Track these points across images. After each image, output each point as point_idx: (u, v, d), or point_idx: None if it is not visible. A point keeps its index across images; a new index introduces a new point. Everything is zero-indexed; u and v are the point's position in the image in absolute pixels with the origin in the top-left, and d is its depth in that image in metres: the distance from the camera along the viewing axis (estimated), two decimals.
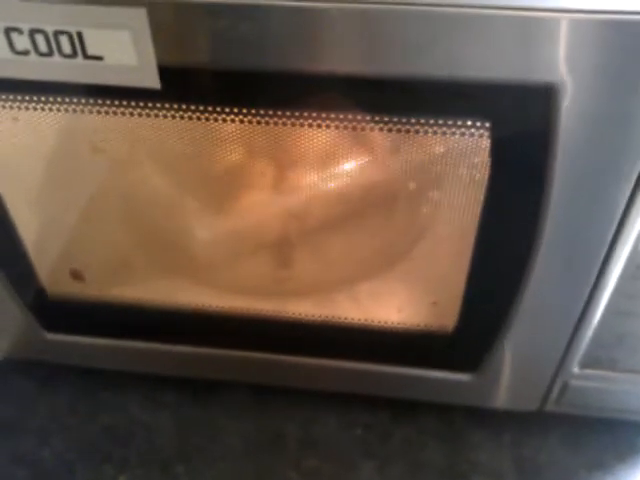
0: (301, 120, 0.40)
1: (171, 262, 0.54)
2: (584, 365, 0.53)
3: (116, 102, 0.41)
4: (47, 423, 0.64)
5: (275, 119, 0.40)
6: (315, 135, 0.41)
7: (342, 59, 0.37)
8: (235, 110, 0.40)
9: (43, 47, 0.38)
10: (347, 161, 0.43)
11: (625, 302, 0.48)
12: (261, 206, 0.47)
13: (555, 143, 0.39)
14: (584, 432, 0.62)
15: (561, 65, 0.35)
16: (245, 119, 0.41)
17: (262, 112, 0.40)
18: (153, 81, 0.38)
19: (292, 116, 0.40)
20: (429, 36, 0.35)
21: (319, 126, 0.40)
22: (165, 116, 0.41)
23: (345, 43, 0.36)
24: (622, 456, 0.61)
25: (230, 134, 0.42)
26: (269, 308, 0.54)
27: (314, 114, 0.40)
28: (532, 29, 0.35)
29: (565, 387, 0.55)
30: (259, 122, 0.41)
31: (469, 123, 0.39)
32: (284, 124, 0.41)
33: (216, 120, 0.41)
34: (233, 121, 0.41)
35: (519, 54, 0.36)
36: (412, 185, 0.44)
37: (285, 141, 0.42)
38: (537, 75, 0.36)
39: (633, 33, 0.34)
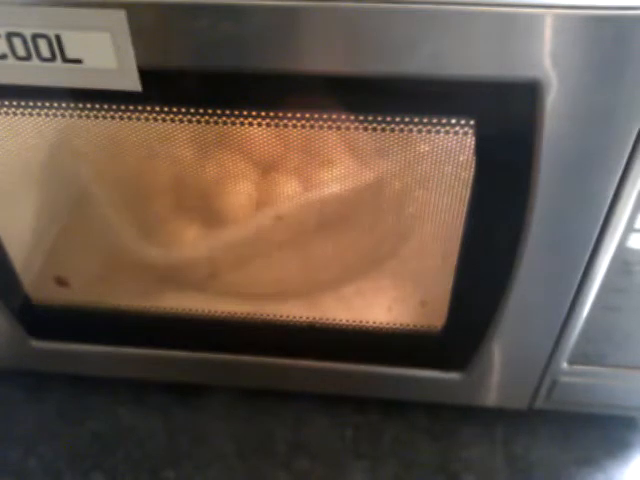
0: (284, 121, 0.40)
1: (157, 266, 0.53)
2: (573, 361, 0.53)
3: (97, 105, 0.41)
4: (34, 431, 0.63)
5: (258, 120, 0.40)
6: (298, 135, 0.41)
7: (324, 59, 0.37)
8: (218, 112, 0.40)
9: (21, 51, 0.37)
10: (331, 161, 0.43)
11: (613, 297, 0.48)
12: (246, 209, 0.47)
13: (540, 139, 0.39)
14: (574, 428, 0.62)
15: (545, 61, 0.35)
16: (228, 120, 0.40)
17: (245, 113, 0.40)
18: (134, 84, 0.38)
19: (275, 117, 0.40)
20: (412, 34, 0.35)
21: (303, 126, 0.40)
22: (147, 119, 0.41)
23: (327, 43, 0.36)
24: (612, 451, 0.61)
25: (212, 135, 0.42)
26: (258, 311, 0.54)
27: (297, 114, 0.40)
28: (515, 25, 0.34)
29: (554, 384, 0.55)
30: (242, 123, 0.40)
31: (453, 121, 0.39)
32: (267, 125, 0.40)
33: (199, 122, 0.41)
34: (216, 122, 0.41)
35: (503, 50, 0.36)
36: (398, 184, 0.43)
37: (268, 142, 0.42)
38: (521, 71, 0.36)
39: (617, 28, 0.34)
